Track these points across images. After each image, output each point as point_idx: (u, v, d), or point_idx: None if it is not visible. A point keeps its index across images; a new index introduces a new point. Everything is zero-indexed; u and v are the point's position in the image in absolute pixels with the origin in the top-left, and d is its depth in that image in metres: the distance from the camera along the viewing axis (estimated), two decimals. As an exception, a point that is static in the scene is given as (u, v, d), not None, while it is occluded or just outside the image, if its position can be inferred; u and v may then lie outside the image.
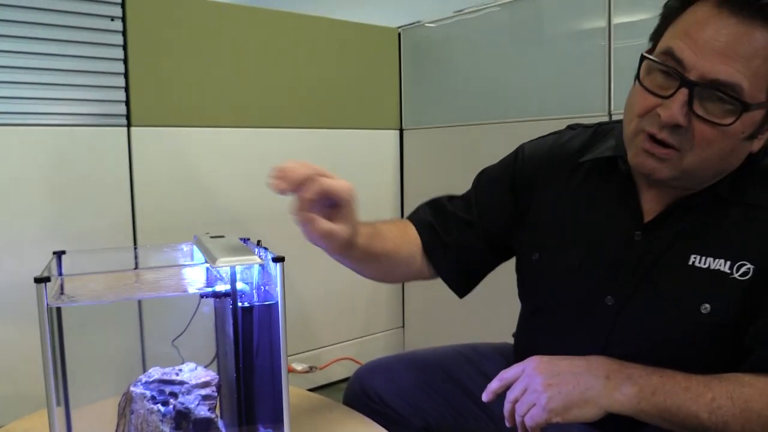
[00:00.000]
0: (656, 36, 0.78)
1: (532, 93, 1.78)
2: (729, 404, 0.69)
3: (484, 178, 1.03)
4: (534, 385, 0.75)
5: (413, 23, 2.19)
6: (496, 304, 1.82)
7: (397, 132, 2.20)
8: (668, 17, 0.76)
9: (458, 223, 0.99)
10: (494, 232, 0.99)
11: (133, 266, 0.97)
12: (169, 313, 1.03)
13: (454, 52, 2.02)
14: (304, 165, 0.71)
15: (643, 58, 0.76)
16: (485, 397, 0.80)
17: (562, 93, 1.71)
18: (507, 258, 1.03)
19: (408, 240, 0.99)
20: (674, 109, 0.71)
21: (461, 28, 2.01)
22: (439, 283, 2.32)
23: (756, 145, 0.76)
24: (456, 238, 0.99)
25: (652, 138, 0.74)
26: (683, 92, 0.70)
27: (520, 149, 1.00)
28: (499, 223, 0.98)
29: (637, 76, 0.77)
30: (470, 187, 1.04)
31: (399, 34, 2.17)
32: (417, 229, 1.01)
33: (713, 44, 0.69)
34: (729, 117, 0.70)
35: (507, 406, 0.77)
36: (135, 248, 1.56)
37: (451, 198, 1.04)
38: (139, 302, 1.60)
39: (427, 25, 2.13)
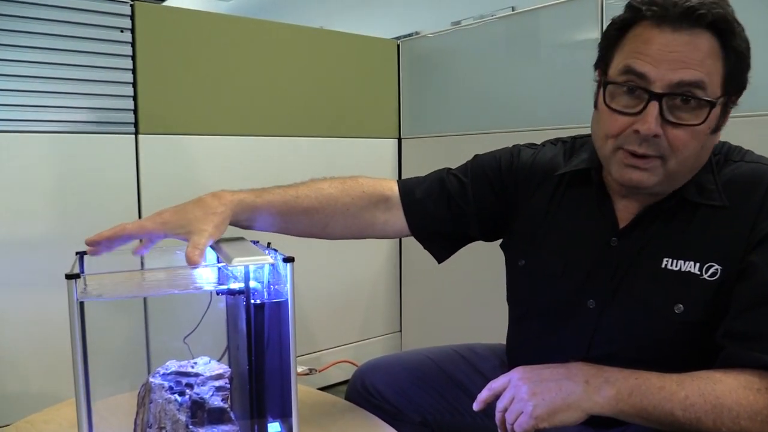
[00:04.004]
0: (602, 65, 0.85)
1: (528, 103, 1.83)
2: (701, 401, 0.73)
3: (478, 169, 1.05)
4: (520, 394, 0.78)
5: (411, 35, 2.24)
6: (492, 308, 1.85)
7: (396, 141, 2.26)
8: (610, 46, 0.84)
9: (453, 205, 1.02)
10: (488, 222, 1.03)
11: (148, 267, 1.02)
12: (176, 311, 1.07)
13: (452, 64, 2.07)
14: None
15: (606, 83, 0.82)
16: (476, 406, 0.84)
17: (558, 103, 1.75)
18: (495, 239, 1.07)
19: (359, 193, 1.01)
20: (651, 122, 0.77)
21: (459, 39, 2.06)
22: (436, 288, 2.36)
23: (716, 139, 0.84)
24: (444, 217, 1.03)
25: (633, 154, 0.80)
26: (654, 105, 0.77)
27: (516, 152, 1.05)
28: (496, 216, 1.03)
29: (603, 101, 0.82)
30: (466, 169, 1.06)
31: (398, 46, 2.22)
32: (401, 193, 1.04)
33: (668, 56, 0.76)
34: (698, 117, 0.77)
35: (498, 416, 0.80)
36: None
37: (449, 172, 1.06)
38: (145, 300, 1.65)
39: (425, 36, 2.19)
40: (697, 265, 0.82)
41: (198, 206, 0.88)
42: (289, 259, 0.77)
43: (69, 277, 0.70)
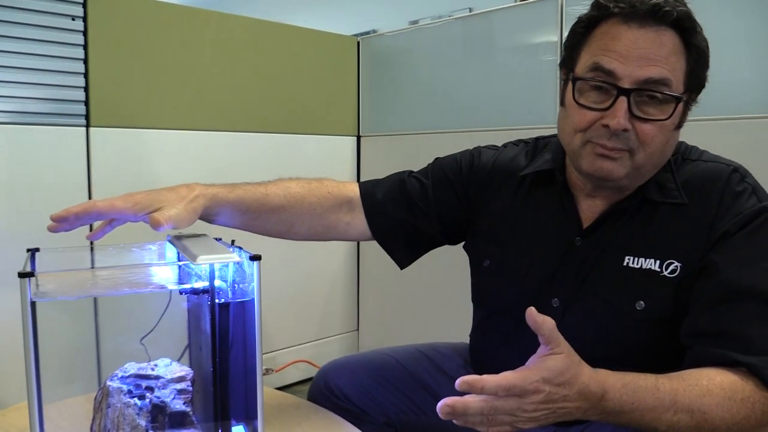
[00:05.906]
0: (569, 62, 0.86)
1: (485, 103, 1.85)
2: (687, 419, 0.71)
3: (439, 172, 1.05)
4: (521, 411, 0.68)
5: (369, 32, 2.23)
6: (449, 307, 1.86)
7: (355, 138, 2.24)
8: (576, 44, 0.85)
9: (413, 207, 1.03)
10: (450, 224, 1.04)
11: (103, 265, 0.98)
12: (130, 311, 1.03)
13: (411, 62, 2.08)
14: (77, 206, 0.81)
15: (575, 79, 0.83)
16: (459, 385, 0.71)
17: (514, 104, 1.78)
18: (458, 242, 1.07)
19: (324, 194, 1.01)
20: (620, 116, 0.79)
21: (418, 39, 2.07)
22: (393, 287, 2.36)
23: (678, 136, 0.86)
24: (405, 219, 1.02)
25: (603, 146, 0.82)
26: (622, 100, 0.79)
27: (476, 153, 1.05)
28: (457, 217, 1.03)
29: (573, 97, 0.83)
30: (426, 172, 1.06)
31: (358, 43, 2.21)
32: (362, 195, 1.04)
33: (635, 52, 0.78)
34: (665, 112, 0.79)
35: (476, 403, 0.68)
36: (92, 247, 1.54)
37: (410, 174, 1.06)
38: (95, 300, 1.59)
39: (384, 35, 2.18)
40: (658, 262, 0.84)
41: (172, 192, 0.87)
42: (256, 257, 0.75)
43: (22, 275, 0.66)
